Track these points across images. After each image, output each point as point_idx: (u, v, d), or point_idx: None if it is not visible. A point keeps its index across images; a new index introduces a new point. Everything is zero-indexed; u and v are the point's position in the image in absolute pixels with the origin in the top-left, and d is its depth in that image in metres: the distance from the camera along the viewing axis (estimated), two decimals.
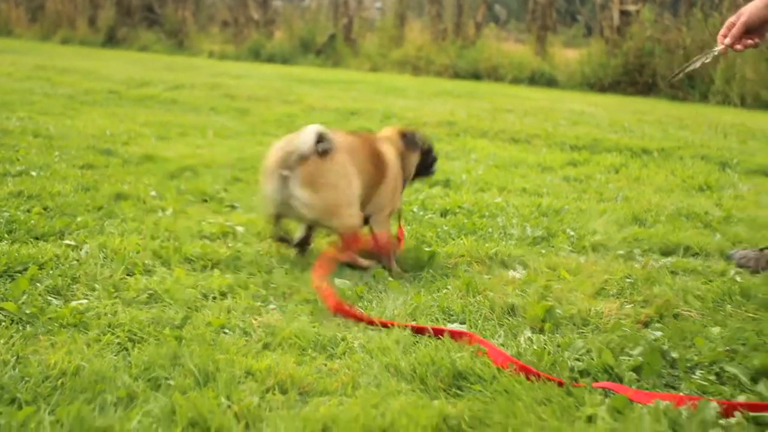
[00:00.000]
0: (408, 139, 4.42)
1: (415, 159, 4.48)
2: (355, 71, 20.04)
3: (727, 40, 3.81)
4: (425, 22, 21.79)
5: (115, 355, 2.72)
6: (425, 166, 4.60)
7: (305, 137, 3.71)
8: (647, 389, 2.65)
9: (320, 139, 3.72)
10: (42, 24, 31.18)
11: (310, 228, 4.09)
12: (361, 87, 14.73)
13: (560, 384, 2.59)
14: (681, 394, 2.62)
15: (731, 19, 3.84)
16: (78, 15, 29.97)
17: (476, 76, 18.93)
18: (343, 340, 2.93)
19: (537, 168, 7.29)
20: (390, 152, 4.23)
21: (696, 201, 5.98)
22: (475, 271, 4.00)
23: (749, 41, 3.79)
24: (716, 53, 3.91)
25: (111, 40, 27.91)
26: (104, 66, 17.00)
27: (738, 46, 3.82)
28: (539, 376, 2.61)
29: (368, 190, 3.99)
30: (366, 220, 4.09)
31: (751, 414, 2.46)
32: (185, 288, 3.45)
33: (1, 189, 5.07)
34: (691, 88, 15.67)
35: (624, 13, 17.66)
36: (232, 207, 5.12)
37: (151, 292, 3.40)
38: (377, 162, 4.07)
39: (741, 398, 2.60)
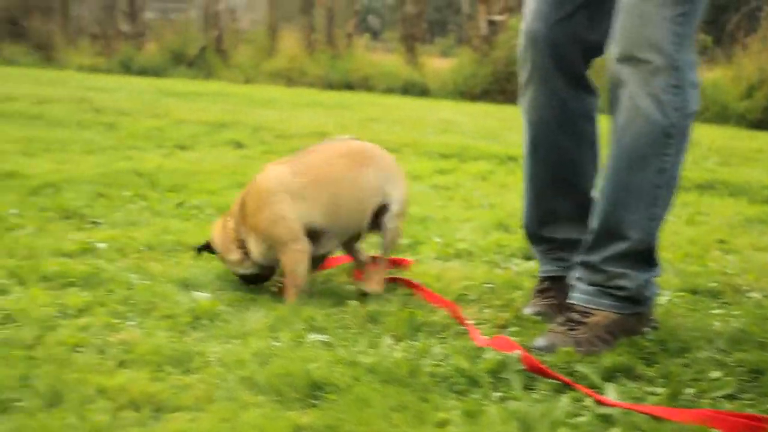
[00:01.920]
0: None
1: None
2: (228, 83, 19.91)
3: None
4: (297, 32, 21.78)
5: None
6: None
7: None
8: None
9: None
10: None
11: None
12: (233, 99, 14.64)
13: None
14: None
15: None
16: None
17: (349, 86, 19.01)
18: (199, 354, 2.91)
19: (407, 177, 7.33)
20: None
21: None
22: (341, 281, 4.02)
23: None
24: None
25: None
26: None
27: None
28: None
29: None
30: None
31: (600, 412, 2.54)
32: (40, 307, 3.38)
33: None
34: None
35: (491, 23, 17.98)
36: (95, 223, 5.02)
37: (6, 312, 3.32)
38: None
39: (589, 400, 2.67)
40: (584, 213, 3.56)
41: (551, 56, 3.43)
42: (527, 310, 3.63)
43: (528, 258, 4.63)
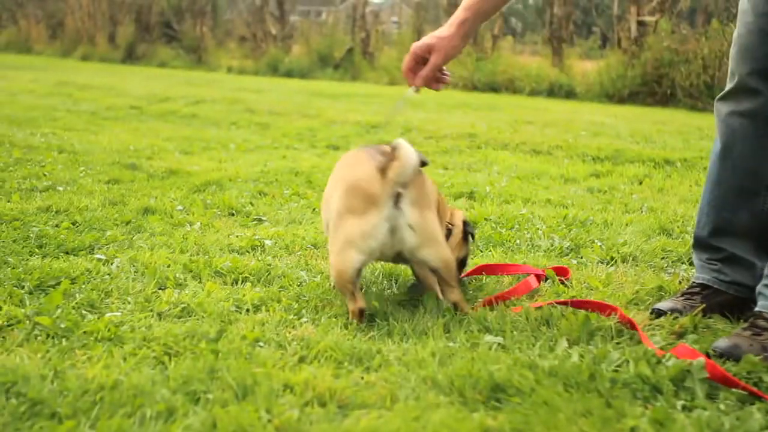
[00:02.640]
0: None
1: None
2: (374, 84, 20.09)
3: (419, 81, 3.43)
4: None
5: (152, 369, 2.72)
6: None
7: (409, 149, 3.26)
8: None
9: (423, 158, 3.39)
10: (62, 41, 31.46)
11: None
12: (380, 100, 14.75)
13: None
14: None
15: (415, 49, 3.42)
16: (98, 32, 30.21)
17: (494, 88, 18.95)
18: (378, 352, 2.92)
19: (560, 179, 7.27)
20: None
21: None
22: (507, 283, 3.99)
23: (445, 78, 3.47)
24: (410, 95, 3.55)
25: (130, 57, 28.11)
26: (124, 82, 17.10)
27: (435, 86, 3.48)
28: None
29: None
30: None
31: None
32: (218, 301, 3.46)
33: (29, 204, 5.10)
34: (710, 98, 15.62)
35: (641, 24, 17.64)
36: (259, 220, 5.12)
37: (184, 305, 3.41)
38: None
39: None
40: (759, 231, 3.53)
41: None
42: (662, 305, 3.57)
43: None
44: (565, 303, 3.52)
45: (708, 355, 2.97)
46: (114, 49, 28.94)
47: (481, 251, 4.54)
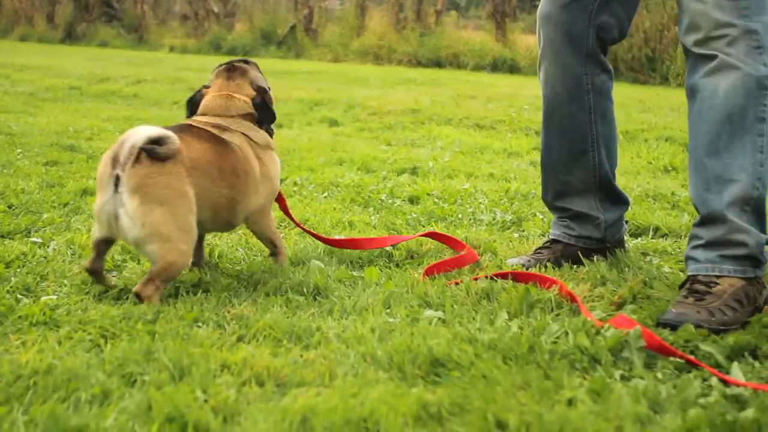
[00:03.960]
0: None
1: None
2: (317, 62, 19.99)
3: None
4: (385, 10, 21.75)
5: (88, 352, 2.68)
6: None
7: (136, 131, 3.14)
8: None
9: (161, 141, 3.15)
10: None
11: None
12: (324, 77, 14.68)
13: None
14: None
15: None
16: (36, 11, 29.72)
17: (438, 63, 18.93)
18: (317, 330, 2.90)
19: (503, 153, 7.29)
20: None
21: (662, 182, 6.01)
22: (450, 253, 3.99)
23: None
24: None
25: (70, 36, 27.69)
26: (64, 62, 16.85)
27: None
28: None
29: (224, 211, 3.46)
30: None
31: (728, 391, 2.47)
32: None
33: None
34: (652, 71, 15.76)
35: None
36: None
37: (121, 287, 3.37)
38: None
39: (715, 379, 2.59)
40: (596, 186, 3.85)
41: (563, 34, 3.67)
42: (511, 260, 3.85)
43: (636, 235, 4.54)
44: (505, 275, 3.53)
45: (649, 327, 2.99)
46: (53, 29, 28.48)
47: (423, 226, 4.53)
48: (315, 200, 5.17)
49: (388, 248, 4.01)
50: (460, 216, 4.75)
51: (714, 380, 2.57)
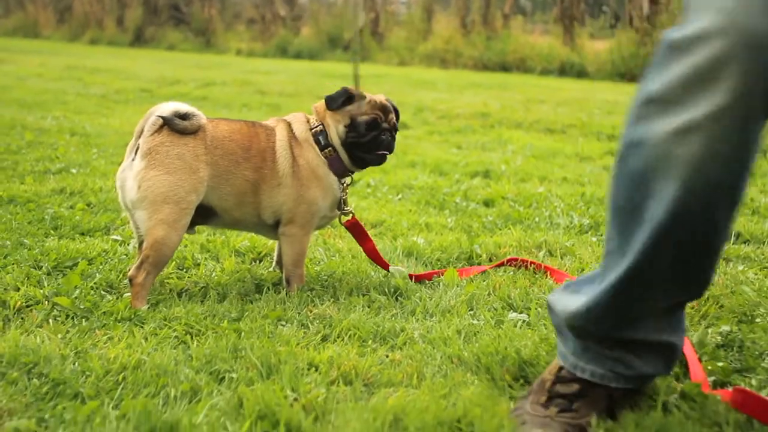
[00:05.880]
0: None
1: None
2: (383, 65, 20.00)
3: None
4: (452, 14, 21.71)
5: (174, 349, 2.68)
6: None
7: (170, 104, 3.23)
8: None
9: (187, 116, 3.21)
10: (70, 25, 31.40)
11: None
12: (391, 80, 14.68)
13: None
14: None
15: None
16: (106, 15, 30.17)
17: (504, 68, 18.85)
18: (402, 330, 2.88)
19: (575, 158, 7.22)
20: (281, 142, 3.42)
21: None
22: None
23: None
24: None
25: (138, 40, 28.06)
26: (134, 65, 17.06)
27: None
28: None
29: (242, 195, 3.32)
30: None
31: None
32: (237, 281, 3.42)
33: (43, 186, 5.07)
34: None
35: (653, 2, 17.50)
36: None
37: (203, 285, 3.37)
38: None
39: None
40: None
41: None
42: None
43: None
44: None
45: None
46: (122, 32, 28.86)
47: (500, 229, 4.49)
48: (390, 202, 5.15)
49: (466, 250, 3.98)
50: (536, 219, 4.70)
51: None
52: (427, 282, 3.50)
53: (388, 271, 3.58)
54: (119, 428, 2.13)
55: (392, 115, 3.47)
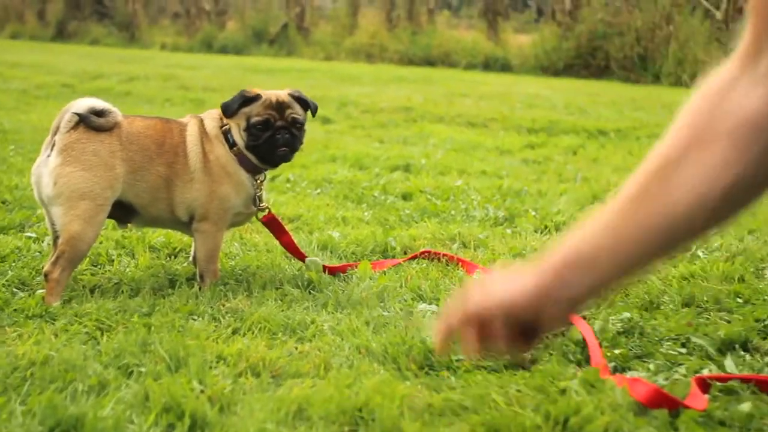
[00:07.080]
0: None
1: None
2: (309, 60, 19.99)
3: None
4: (378, 9, 21.77)
5: (84, 344, 2.69)
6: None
7: (85, 100, 3.24)
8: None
9: (102, 113, 3.23)
10: None
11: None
12: (316, 75, 14.69)
13: None
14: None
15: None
16: (26, 9, 29.66)
17: (430, 62, 18.97)
18: (312, 323, 2.92)
19: (495, 151, 7.32)
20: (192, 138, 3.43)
21: None
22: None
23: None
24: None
25: (61, 34, 27.65)
26: (56, 60, 16.83)
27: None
28: None
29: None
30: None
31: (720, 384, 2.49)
32: (150, 276, 3.43)
33: None
34: (644, 70, 15.80)
35: None
36: None
37: (116, 281, 3.38)
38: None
39: (706, 370, 2.62)
40: None
41: None
42: None
43: None
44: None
45: None
46: (44, 26, 28.44)
47: (416, 222, 4.55)
48: (308, 196, 5.19)
49: (381, 243, 4.04)
50: (452, 212, 4.77)
51: None
52: (341, 275, 3.55)
53: (305, 262, 3.63)
54: (25, 423, 2.14)
55: (290, 111, 3.49)
